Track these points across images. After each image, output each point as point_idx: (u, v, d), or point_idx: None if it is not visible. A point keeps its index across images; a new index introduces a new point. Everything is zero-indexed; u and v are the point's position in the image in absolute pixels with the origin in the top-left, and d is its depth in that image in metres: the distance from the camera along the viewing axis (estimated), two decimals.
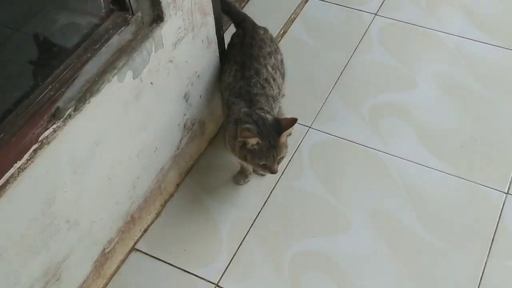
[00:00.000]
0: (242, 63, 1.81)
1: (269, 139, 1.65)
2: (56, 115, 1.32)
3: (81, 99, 1.38)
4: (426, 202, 1.90)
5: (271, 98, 1.80)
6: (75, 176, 1.45)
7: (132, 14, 1.46)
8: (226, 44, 1.96)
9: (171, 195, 1.93)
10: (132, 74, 1.48)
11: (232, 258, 1.79)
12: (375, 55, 2.31)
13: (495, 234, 1.79)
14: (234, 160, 1.86)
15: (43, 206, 1.38)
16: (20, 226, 1.34)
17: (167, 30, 1.58)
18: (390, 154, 2.00)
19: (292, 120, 1.69)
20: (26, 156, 1.26)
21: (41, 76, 1.35)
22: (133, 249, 1.81)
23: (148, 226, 1.87)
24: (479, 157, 2.00)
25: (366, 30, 2.36)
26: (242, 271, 1.79)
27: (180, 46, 1.66)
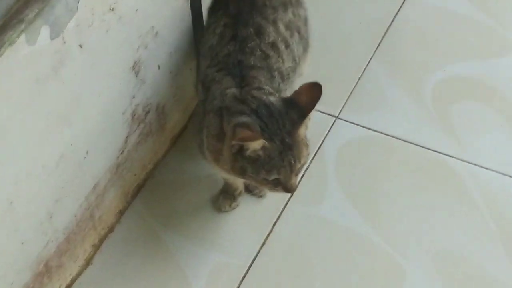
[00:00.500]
0: (236, 16, 1.69)
1: (280, 137, 1.52)
2: None
3: None
4: None
5: (278, 74, 1.67)
6: None
7: None
8: None
9: (110, 229, 1.82)
10: (50, 31, 1.41)
11: None
12: (439, 1, 2.19)
13: None
14: (213, 171, 1.69)
15: None
16: None
17: None
18: (466, 162, 1.88)
19: (314, 88, 1.49)
20: None
21: None
22: None
23: (73, 280, 1.73)
24: None
25: None
26: None
27: None
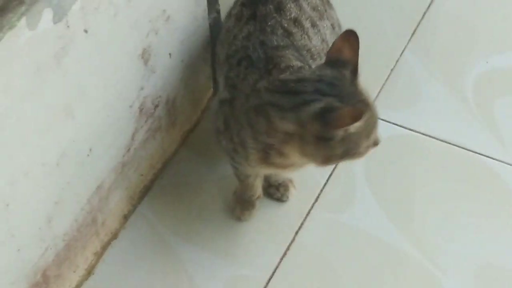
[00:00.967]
0: None
1: (358, 98, 1.41)
2: None
3: None
4: None
5: (307, 52, 1.57)
6: None
7: None
8: None
9: (114, 235, 1.78)
10: (53, 14, 1.36)
11: None
12: None
13: None
14: (230, 172, 1.65)
15: None
16: None
17: None
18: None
19: (350, 37, 1.37)
20: None
21: None
22: None
23: None
24: None
25: None
26: None
27: None
